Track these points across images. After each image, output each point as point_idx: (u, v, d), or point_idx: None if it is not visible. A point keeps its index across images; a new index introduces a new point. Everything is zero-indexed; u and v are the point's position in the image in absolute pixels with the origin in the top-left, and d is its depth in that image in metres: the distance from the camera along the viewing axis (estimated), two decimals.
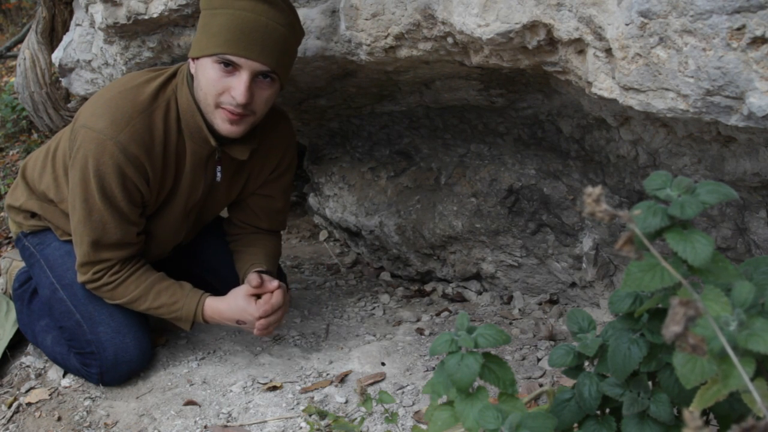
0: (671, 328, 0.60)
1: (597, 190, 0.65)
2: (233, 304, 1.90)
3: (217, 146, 1.87)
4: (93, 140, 1.77)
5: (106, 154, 1.76)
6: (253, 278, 1.91)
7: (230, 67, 1.70)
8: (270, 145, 2.03)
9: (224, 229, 2.26)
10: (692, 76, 1.14)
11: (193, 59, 1.78)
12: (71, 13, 3.01)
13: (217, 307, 1.92)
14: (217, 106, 1.75)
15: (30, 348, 2.16)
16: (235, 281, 2.21)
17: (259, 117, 1.81)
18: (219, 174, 1.96)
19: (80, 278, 1.92)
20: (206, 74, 1.72)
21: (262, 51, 1.69)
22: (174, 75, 1.87)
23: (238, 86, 1.70)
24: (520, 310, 2.31)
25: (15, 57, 5.05)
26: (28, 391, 1.99)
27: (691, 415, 0.53)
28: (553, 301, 2.32)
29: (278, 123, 2.05)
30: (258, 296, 1.92)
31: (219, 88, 1.72)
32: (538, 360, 1.97)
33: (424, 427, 1.39)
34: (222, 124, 1.77)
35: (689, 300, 0.60)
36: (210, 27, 1.70)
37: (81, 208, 1.83)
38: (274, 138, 2.04)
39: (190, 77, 1.82)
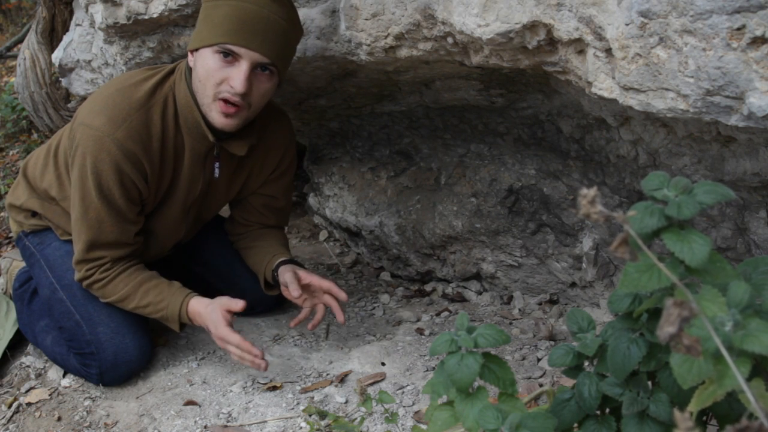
0: (665, 328, 0.60)
1: (591, 192, 0.65)
2: (209, 311, 1.83)
3: (215, 142, 1.87)
4: (90, 137, 1.77)
5: (104, 151, 1.77)
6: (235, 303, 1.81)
7: (230, 57, 1.70)
8: (270, 144, 2.04)
9: (227, 228, 2.26)
10: (692, 76, 1.14)
11: (192, 52, 1.78)
12: (71, 13, 3.01)
13: (197, 309, 1.86)
14: (215, 97, 1.74)
15: (30, 348, 2.16)
16: (236, 279, 2.22)
17: (255, 111, 1.81)
18: (217, 170, 1.96)
19: (76, 276, 1.93)
20: (205, 64, 1.72)
21: (263, 42, 1.69)
22: (171, 72, 1.88)
23: (237, 75, 1.70)
24: (520, 310, 2.31)
25: (15, 57, 5.05)
26: (28, 391, 1.99)
27: (682, 416, 0.53)
28: (553, 301, 2.31)
29: (279, 122, 2.06)
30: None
31: (218, 78, 1.72)
32: (538, 360, 1.97)
33: (424, 427, 1.39)
34: (217, 116, 1.77)
35: (683, 301, 0.60)
36: (211, 18, 1.71)
37: (79, 206, 1.83)
38: (274, 137, 2.04)
39: (189, 72, 1.82)
